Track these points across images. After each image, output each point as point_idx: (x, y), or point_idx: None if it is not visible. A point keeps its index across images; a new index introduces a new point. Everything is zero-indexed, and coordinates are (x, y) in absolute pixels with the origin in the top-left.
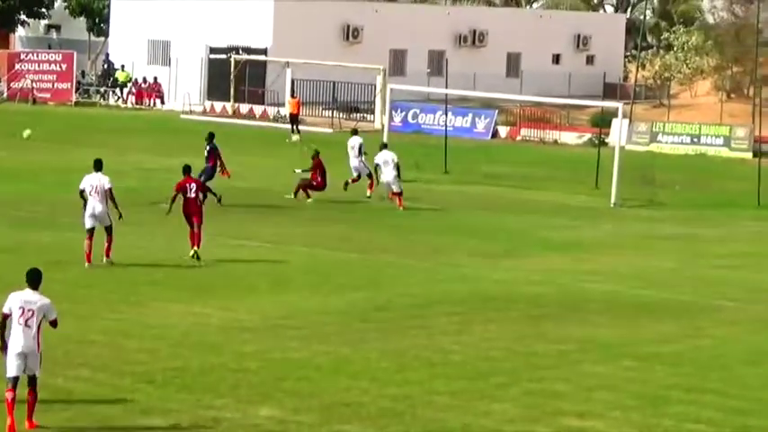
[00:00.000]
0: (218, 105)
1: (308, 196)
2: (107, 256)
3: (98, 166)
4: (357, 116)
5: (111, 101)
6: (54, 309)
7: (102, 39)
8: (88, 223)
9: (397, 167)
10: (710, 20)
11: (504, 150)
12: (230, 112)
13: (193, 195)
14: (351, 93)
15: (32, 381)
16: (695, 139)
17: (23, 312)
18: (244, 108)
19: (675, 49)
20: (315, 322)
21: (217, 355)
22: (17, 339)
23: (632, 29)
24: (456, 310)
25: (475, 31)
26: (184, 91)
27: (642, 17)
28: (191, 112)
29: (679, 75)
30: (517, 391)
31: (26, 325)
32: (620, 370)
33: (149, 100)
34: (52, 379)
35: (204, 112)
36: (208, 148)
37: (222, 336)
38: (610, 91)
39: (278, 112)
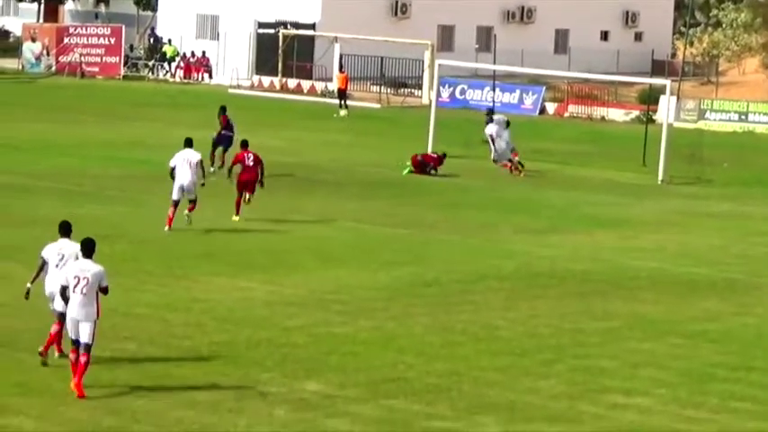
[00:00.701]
0: (266, 80)
1: None
2: (190, 210)
3: (188, 143)
4: (405, 91)
5: (160, 75)
6: (106, 276)
7: (150, 13)
8: (176, 195)
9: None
10: None
11: (552, 127)
12: (278, 86)
13: (251, 164)
14: (399, 68)
15: (85, 347)
16: (743, 117)
17: (79, 281)
18: (292, 83)
19: (724, 26)
20: (361, 297)
21: (263, 329)
22: (72, 306)
23: (681, 5)
24: (502, 286)
25: (523, 8)
26: (232, 65)
27: None
28: (238, 87)
29: (727, 52)
30: (563, 368)
31: (81, 293)
32: (666, 347)
33: (197, 74)
34: (99, 352)
35: (252, 87)
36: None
37: (268, 310)
38: (658, 68)
39: (326, 87)
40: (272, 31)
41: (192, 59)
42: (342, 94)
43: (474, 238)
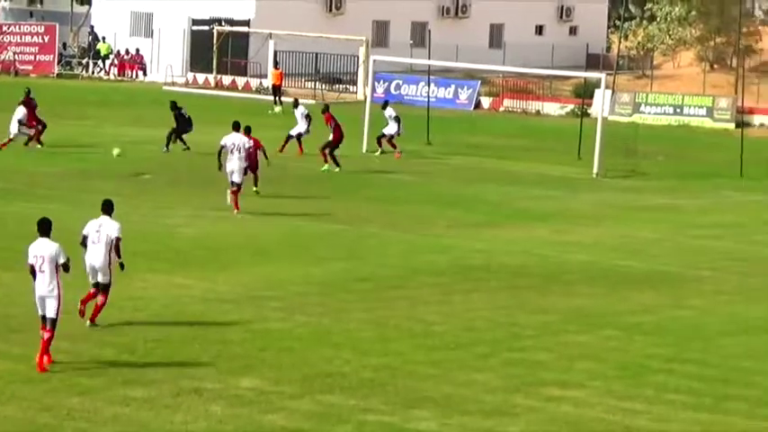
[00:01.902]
0: (201, 77)
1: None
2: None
3: (236, 126)
4: (340, 87)
5: (94, 73)
6: (63, 253)
7: (85, 10)
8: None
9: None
10: None
11: (487, 121)
12: (213, 83)
13: (252, 149)
14: (334, 64)
15: (50, 323)
16: (678, 110)
17: (37, 260)
18: (226, 80)
19: (659, 19)
20: (296, 293)
21: (198, 326)
22: (38, 284)
23: (615, 0)
24: (437, 281)
25: (458, 3)
26: (167, 63)
27: None
28: (173, 84)
29: (662, 45)
30: (498, 362)
31: (40, 270)
32: (602, 340)
33: (131, 72)
34: (34, 350)
35: (186, 84)
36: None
37: (203, 307)
38: (593, 62)
39: (260, 83)
40: (206, 28)
41: (126, 57)
42: (276, 90)
43: (409, 233)
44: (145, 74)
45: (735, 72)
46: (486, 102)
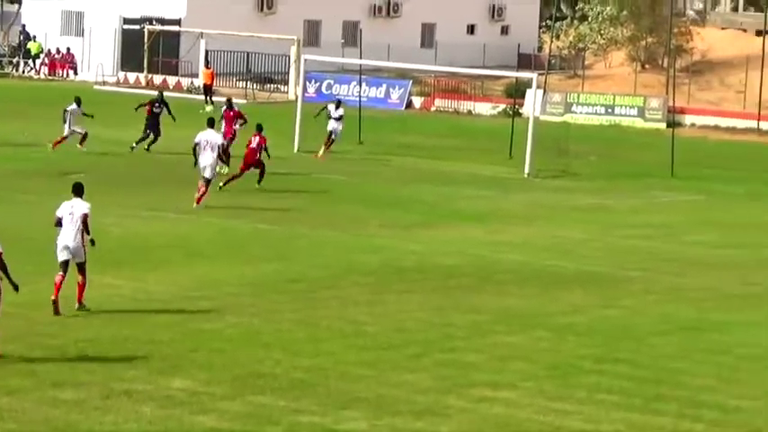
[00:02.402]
0: (132, 76)
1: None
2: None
3: (211, 123)
4: (271, 87)
5: (25, 72)
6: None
7: (15, 9)
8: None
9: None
10: None
11: (419, 121)
12: (144, 82)
13: (255, 147)
14: (265, 63)
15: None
16: (609, 110)
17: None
18: (157, 79)
19: (590, 19)
20: (227, 294)
21: (129, 326)
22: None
23: None
24: (369, 281)
25: (389, 2)
26: (98, 62)
27: None
28: (104, 83)
29: (593, 45)
30: (430, 362)
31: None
32: (533, 340)
33: (62, 71)
34: None
35: (117, 83)
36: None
37: (134, 307)
38: (524, 62)
39: (192, 82)
40: (137, 27)
41: (56, 56)
42: (208, 89)
43: (341, 233)
44: (76, 73)
45: (666, 72)
46: (417, 101)
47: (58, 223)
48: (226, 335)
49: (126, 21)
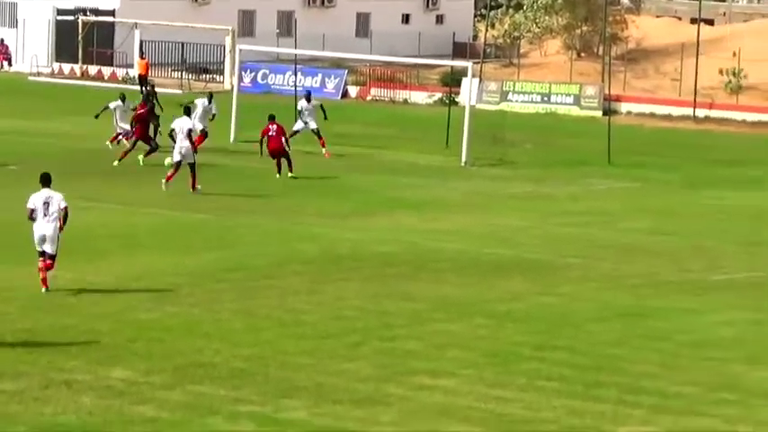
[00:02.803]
0: (67, 67)
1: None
2: (193, 188)
3: (187, 111)
4: (207, 77)
5: None
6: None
7: None
8: (176, 158)
9: None
10: None
11: (355, 110)
12: (79, 73)
13: (274, 134)
14: (200, 54)
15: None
16: (545, 98)
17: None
18: (92, 70)
19: (525, 8)
20: (166, 283)
21: (67, 316)
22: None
23: None
24: (307, 270)
25: None
26: (32, 53)
27: None
28: (39, 74)
29: (529, 34)
30: (369, 350)
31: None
32: (472, 328)
33: None
34: None
35: (52, 74)
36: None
37: (72, 298)
38: (459, 50)
39: (126, 73)
40: (71, 17)
41: None
42: (143, 80)
43: (278, 223)
44: (10, 64)
45: (601, 60)
46: (353, 91)
47: (32, 213)
48: (165, 325)
49: (60, 11)
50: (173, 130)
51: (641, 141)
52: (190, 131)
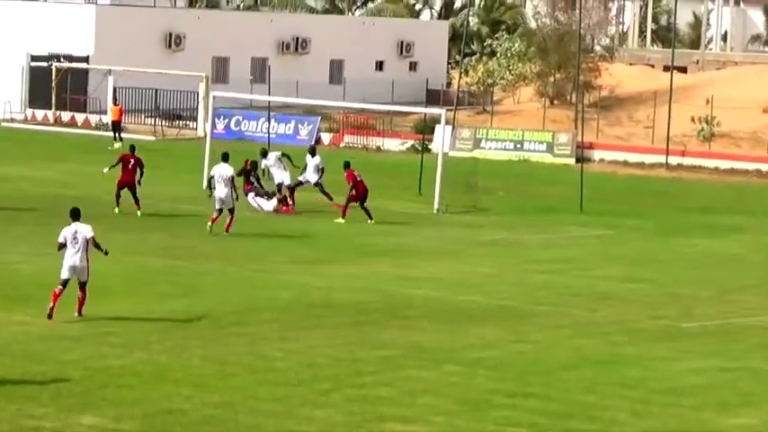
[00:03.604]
0: (40, 113)
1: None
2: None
3: (225, 158)
4: (180, 123)
5: None
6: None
7: None
8: (217, 204)
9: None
10: (534, 26)
11: (328, 157)
12: (52, 120)
13: (360, 179)
14: (174, 100)
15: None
16: (518, 145)
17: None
18: (66, 116)
19: (498, 55)
20: (136, 330)
21: (38, 363)
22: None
23: (455, 35)
24: (278, 317)
25: (297, 38)
26: (5, 99)
27: (465, 23)
28: (12, 120)
29: (502, 81)
30: (340, 397)
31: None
32: (443, 375)
33: None
34: None
35: (25, 120)
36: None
37: (43, 344)
38: (433, 97)
39: (100, 119)
40: (45, 64)
41: None
42: (116, 126)
43: (248, 270)
44: None
45: (574, 107)
46: (326, 137)
47: (61, 246)
48: (135, 371)
49: (33, 58)
50: (212, 177)
51: (614, 189)
52: (232, 178)
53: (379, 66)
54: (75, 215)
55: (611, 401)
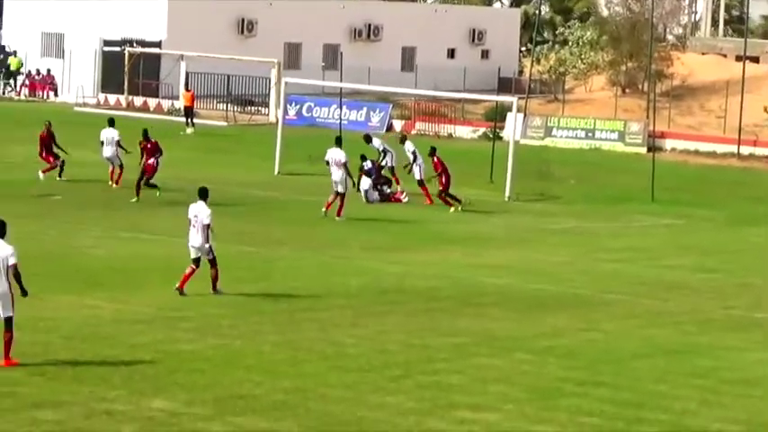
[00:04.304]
0: (112, 98)
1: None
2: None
3: (338, 142)
4: (252, 109)
5: (5, 93)
6: (14, 254)
7: None
8: (334, 187)
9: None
10: (606, 14)
11: (400, 144)
12: (124, 104)
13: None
14: (245, 86)
15: (7, 322)
16: (590, 134)
17: None
18: (138, 101)
19: (571, 43)
20: (208, 315)
21: (110, 347)
22: None
23: (527, 23)
24: (350, 303)
25: (370, 25)
26: (78, 83)
27: (537, 12)
28: (84, 105)
29: (574, 70)
30: (411, 384)
31: None
32: (514, 363)
33: (43, 92)
34: None
35: (98, 105)
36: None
37: (115, 328)
38: (504, 85)
39: (172, 105)
40: (117, 48)
41: (37, 77)
42: (188, 111)
43: (322, 255)
44: (56, 94)
45: (646, 96)
46: (398, 125)
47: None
48: (207, 356)
49: (106, 42)
50: (327, 161)
51: (685, 178)
52: (345, 163)
53: (451, 53)
54: (203, 194)
55: (682, 391)
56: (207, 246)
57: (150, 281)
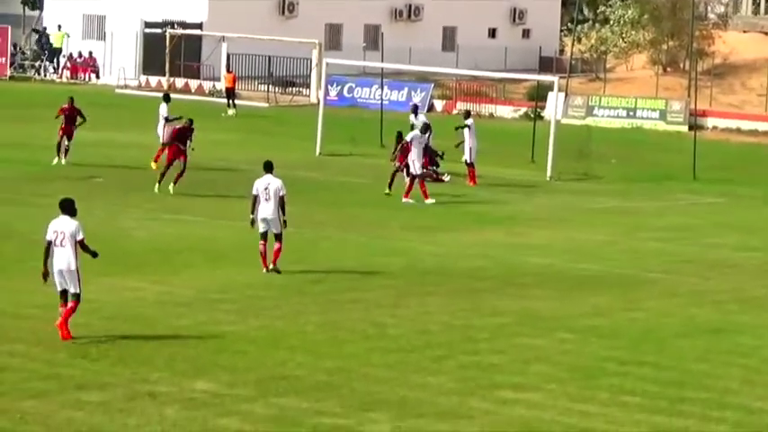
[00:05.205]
0: (154, 80)
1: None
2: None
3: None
4: (293, 90)
5: (47, 76)
6: (82, 230)
7: (37, 13)
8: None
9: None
10: None
11: (440, 124)
12: (166, 86)
13: None
14: (287, 67)
15: (74, 296)
16: (631, 113)
17: (56, 235)
18: (179, 82)
19: (612, 22)
20: (250, 296)
21: (152, 328)
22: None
23: (568, 3)
24: (392, 284)
25: (410, 6)
26: (119, 65)
27: None
28: (126, 87)
29: (615, 48)
30: (453, 364)
31: (61, 245)
32: (556, 342)
33: (84, 74)
34: None
35: (139, 87)
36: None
37: (157, 310)
38: (546, 65)
39: (213, 86)
40: (158, 30)
41: (78, 60)
42: (230, 93)
43: (363, 236)
44: (98, 77)
45: (687, 75)
46: (439, 104)
47: (255, 199)
48: (249, 337)
49: (147, 24)
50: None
51: (727, 157)
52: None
53: (492, 33)
54: (269, 167)
55: (725, 370)
56: (281, 218)
57: (192, 263)
